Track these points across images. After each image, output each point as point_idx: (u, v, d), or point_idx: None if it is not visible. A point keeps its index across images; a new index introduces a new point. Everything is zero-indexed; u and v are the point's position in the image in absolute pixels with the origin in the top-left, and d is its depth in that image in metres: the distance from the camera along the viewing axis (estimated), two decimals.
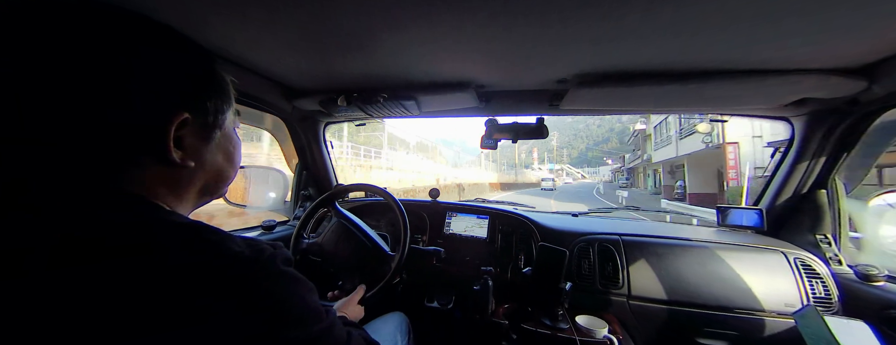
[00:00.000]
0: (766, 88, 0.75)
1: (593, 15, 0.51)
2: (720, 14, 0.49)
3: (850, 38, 0.55)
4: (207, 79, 0.34)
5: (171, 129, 0.29)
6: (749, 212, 1.06)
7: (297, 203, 1.34)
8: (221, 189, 0.39)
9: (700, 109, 0.98)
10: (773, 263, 0.90)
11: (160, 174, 0.31)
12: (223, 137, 0.36)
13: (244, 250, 0.28)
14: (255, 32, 0.63)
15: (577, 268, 1.01)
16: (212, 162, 0.35)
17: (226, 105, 0.36)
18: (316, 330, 0.31)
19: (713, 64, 0.68)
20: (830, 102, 0.82)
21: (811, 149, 0.92)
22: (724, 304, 0.87)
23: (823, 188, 0.93)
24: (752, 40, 0.57)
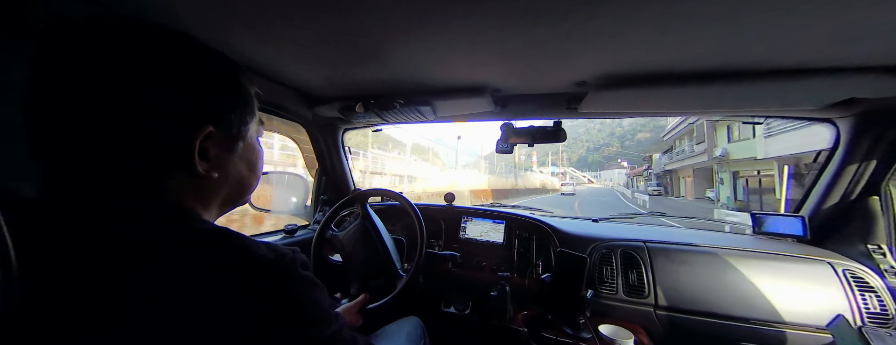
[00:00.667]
0: (808, 88, 0.69)
1: (615, 14, 0.49)
2: (754, 8, 0.46)
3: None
4: (233, 92, 0.34)
5: (197, 142, 0.30)
6: (790, 219, 0.98)
7: (316, 208, 1.38)
8: (244, 197, 0.41)
9: (733, 111, 0.92)
10: (818, 274, 0.83)
11: (187, 185, 0.32)
12: (246, 147, 0.37)
13: (268, 254, 0.29)
14: (279, 44, 0.66)
15: (599, 275, 0.97)
16: (235, 172, 0.36)
17: (249, 116, 0.37)
18: (329, 332, 0.33)
19: (748, 63, 0.64)
20: (880, 103, 0.75)
21: (859, 153, 0.85)
22: (763, 317, 0.81)
23: (876, 195, 0.85)
24: (791, 36, 0.53)
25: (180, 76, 0.30)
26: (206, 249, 0.28)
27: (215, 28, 0.58)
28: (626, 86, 0.77)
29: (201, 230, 0.30)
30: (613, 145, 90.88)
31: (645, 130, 71.87)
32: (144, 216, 0.29)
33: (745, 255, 0.90)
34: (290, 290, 0.30)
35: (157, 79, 0.29)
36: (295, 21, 0.55)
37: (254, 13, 0.53)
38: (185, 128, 0.30)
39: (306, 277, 0.32)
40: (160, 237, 0.27)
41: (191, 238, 0.28)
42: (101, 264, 0.25)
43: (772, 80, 0.67)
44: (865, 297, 0.78)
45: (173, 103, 0.29)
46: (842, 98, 0.75)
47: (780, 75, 0.66)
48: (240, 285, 0.27)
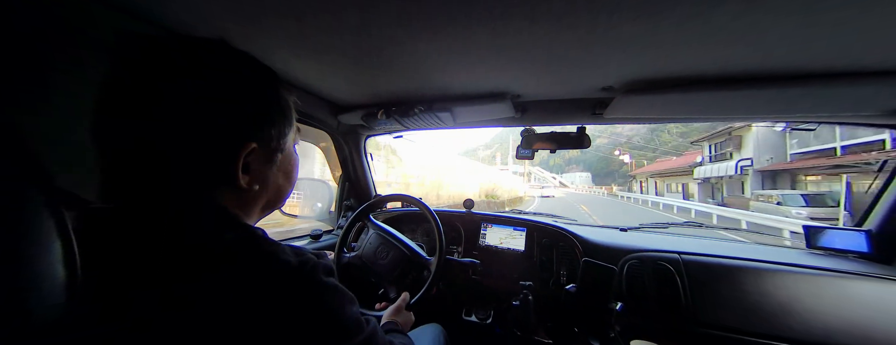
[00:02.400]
0: (864, 93, 0.63)
1: (644, 16, 0.47)
2: (797, 7, 0.42)
3: None
4: (275, 105, 0.35)
5: (241, 158, 0.32)
6: (852, 233, 0.87)
7: (340, 213, 1.43)
8: (281, 203, 0.42)
9: (777, 117, 0.85)
10: (886, 295, 0.73)
11: (231, 196, 0.33)
12: (284, 157, 0.38)
13: (292, 259, 0.30)
14: (310, 57, 0.70)
15: (629, 288, 0.91)
16: (274, 182, 0.38)
17: (288, 128, 0.38)
18: (358, 341, 0.33)
19: (793, 66, 0.59)
20: None
21: None
22: (817, 340, 0.72)
23: None
24: (843, 36, 0.48)
25: (233, 94, 0.31)
26: (238, 257, 0.29)
27: (252, 42, 0.62)
28: (655, 91, 0.73)
29: (235, 239, 0.31)
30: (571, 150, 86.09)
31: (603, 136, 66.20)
32: (191, 226, 0.30)
33: (798, 272, 0.81)
34: (312, 299, 0.30)
35: (212, 96, 0.30)
36: (325, 35, 0.58)
37: (289, 30, 0.56)
38: (231, 145, 0.31)
39: (328, 284, 0.32)
40: (204, 245, 0.29)
41: (226, 246, 0.29)
42: (150, 270, 0.27)
43: (821, 84, 0.61)
44: None
45: (224, 122, 0.31)
46: None
47: (830, 80, 0.60)
48: (264, 292, 0.28)
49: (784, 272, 0.81)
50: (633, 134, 58.16)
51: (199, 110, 0.30)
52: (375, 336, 0.36)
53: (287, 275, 0.29)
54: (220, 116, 0.30)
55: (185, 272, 0.27)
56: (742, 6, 0.43)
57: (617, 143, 62.93)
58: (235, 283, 0.28)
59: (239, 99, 0.32)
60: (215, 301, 0.27)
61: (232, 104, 0.31)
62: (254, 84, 0.33)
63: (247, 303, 0.27)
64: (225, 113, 0.31)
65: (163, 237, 0.28)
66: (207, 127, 0.30)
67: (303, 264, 0.31)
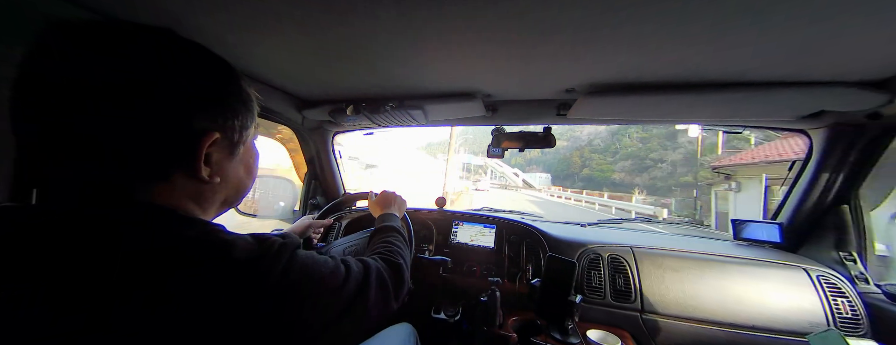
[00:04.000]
0: (782, 100, 0.73)
1: (603, 24, 0.50)
2: (734, 24, 0.49)
3: (871, 51, 0.54)
4: (235, 97, 0.34)
5: (204, 148, 0.31)
6: (768, 226, 1.02)
7: (305, 212, 1.36)
8: (240, 200, 0.41)
9: (714, 120, 0.96)
10: (794, 280, 0.86)
11: (188, 189, 0.32)
12: (246, 151, 0.38)
13: (254, 247, 0.30)
14: (269, 48, 0.65)
15: (588, 280, 0.98)
16: (234, 176, 0.37)
17: (250, 121, 0.37)
18: (350, 288, 0.37)
19: (728, 75, 0.67)
20: (850, 116, 0.80)
21: (831, 163, 0.89)
22: (742, 322, 0.83)
23: (845, 204, 0.89)
24: (767, 51, 0.56)
25: (185, 83, 0.30)
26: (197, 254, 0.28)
27: (205, 30, 0.57)
28: (612, 93, 0.79)
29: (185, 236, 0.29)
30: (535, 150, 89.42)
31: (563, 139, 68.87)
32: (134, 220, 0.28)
33: (725, 261, 0.92)
34: (286, 278, 0.30)
35: (160, 85, 0.28)
36: (285, 24, 0.54)
37: (244, 16, 0.52)
38: (191, 130, 0.30)
39: (300, 257, 0.33)
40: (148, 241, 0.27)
41: (176, 242, 0.28)
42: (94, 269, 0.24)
43: (748, 91, 0.70)
44: (837, 302, 0.81)
45: (175, 112, 0.29)
46: (813, 110, 0.79)
47: (755, 87, 0.69)
48: (233, 288, 0.27)
49: (715, 262, 0.93)
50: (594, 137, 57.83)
51: (139, 99, 0.27)
52: (367, 271, 0.40)
53: (252, 263, 0.29)
54: (169, 106, 0.29)
55: (134, 276, 0.25)
56: (691, 22, 0.49)
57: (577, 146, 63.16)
58: (199, 282, 0.26)
59: (191, 88, 0.30)
60: (177, 304, 0.25)
61: (182, 93, 0.29)
62: (206, 73, 0.32)
63: (216, 300, 0.26)
64: (175, 102, 0.29)
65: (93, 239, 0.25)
66: (153, 117, 0.28)
67: (267, 248, 0.31)
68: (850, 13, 0.44)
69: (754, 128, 1.00)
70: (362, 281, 0.39)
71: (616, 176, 43.24)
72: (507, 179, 45.27)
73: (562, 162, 64.96)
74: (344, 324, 0.35)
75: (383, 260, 0.50)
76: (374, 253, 0.56)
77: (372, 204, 0.89)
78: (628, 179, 40.20)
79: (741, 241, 1.07)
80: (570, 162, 59.90)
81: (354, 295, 0.37)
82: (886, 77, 0.63)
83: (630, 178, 39.81)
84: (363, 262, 0.43)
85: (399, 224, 0.73)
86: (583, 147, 58.71)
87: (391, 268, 0.48)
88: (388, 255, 0.54)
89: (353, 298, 0.37)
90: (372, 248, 0.60)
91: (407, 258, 0.57)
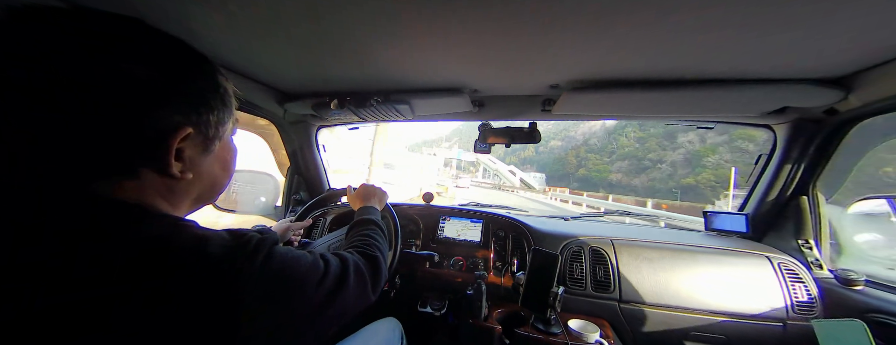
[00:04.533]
0: (749, 97, 0.77)
1: (585, 22, 0.52)
2: (703, 24, 0.51)
3: (827, 49, 0.58)
4: (211, 91, 0.33)
5: (174, 143, 0.29)
6: (735, 217, 1.08)
7: (288, 208, 1.32)
8: (215, 197, 0.40)
9: (688, 116, 1.00)
10: (758, 267, 0.92)
11: (157, 184, 0.30)
12: (222, 146, 0.36)
13: (229, 243, 0.29)
14: (248, 38, 0.62)
15: (570, 272, 1.01)
16: (209, 172, 0.35)
17: (227, 116, 0.35)
18: (328, 282, 0.37)
19: (700, 72, 0.71)
20: (810, 111, 0.85)
21: (792, 156, 0.95)
22: (711, 308, 0.89)
23: (805, 195, 0.96)
24: (735, 50, 0.59)
25: (152, 75, 0.28)
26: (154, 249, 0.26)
27: (178, 18, 0.54)
28: (594, 90, 0.81)
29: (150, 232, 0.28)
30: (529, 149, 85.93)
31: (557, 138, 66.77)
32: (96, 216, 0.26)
33: (696, 250, 0.98)
34: (263, 275, 0.30)
35: (121, 77, 0.26)
36: (264, 14, 0.52)
37: (220, 5, 0.50)
38: (160, 125, 0.29)
39: (276, 257, 0.32)
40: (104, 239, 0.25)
41: (139, 238, 0.27)
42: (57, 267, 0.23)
43: (719, 88, 0.74)
44: (795, 287, 0.87)
45: (143, 104, 0.27)
46: (777, 106, 0.84)
47: (725, 84, 0.73)
48: (198, 284, 0.26)
49: (687, 251, 0.98)
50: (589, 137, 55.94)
51: (96, 92, 0.26)
52: (344, 265, 0.41)
53: (229, 258, 0.29)
54: (132, 99, 0.27)
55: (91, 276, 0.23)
56: (665, 22, 0.51)
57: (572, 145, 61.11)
58: (170, 280, 0.25)
59: (160, 81, 0.28)
60: (145, 303, 0.24)
61: (148, 86, 0.28)
62: (176, 66, 0.30)
63: (190, 298, 0.26)
64: (138, 96, 0.27)
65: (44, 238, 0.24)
66: (113, 111, 0.26)
67: (244, 245, 0.30)
68: (809, 14, 0.47)
69: (725, 123, 1.05)
70: (341, 275, 0.40)
71: (613, 177, 41.93)
72: (502, 177, 38.70)
73: (556, 162, 62.78)
74: (324, 317, 0.36)
75: (360, 254, 0.50)
76: (350, 247, 0.56)
77: (351, 198, 0.87)
78: (626, 180, 38.68)
79: (712, 231, 1.13)
80: (566, 162, 57.97)
81: (334, 288, 0.37)
82: (842, 75, 0.68)
83: (628, 179, 38.28)
84: (340, 256, 0.43)
85: (378, 217, 0.73)
86: (578, 146, 56.98)
87: (368, 261, 0.49)
88: (364, 248, 0.54)
89: (333, 291, 0.37)
90: (349, 241, 0.60)
91: (384, 251, 0.57)
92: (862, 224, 0.88)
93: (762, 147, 1.10)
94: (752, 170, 1.09)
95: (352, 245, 0.56)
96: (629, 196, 24.52)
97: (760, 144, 8.35)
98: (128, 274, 0.24)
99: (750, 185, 1.10)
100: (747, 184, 1.12)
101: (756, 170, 1.07)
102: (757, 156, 1.07)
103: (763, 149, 1.08)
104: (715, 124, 1.05)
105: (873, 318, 0.72)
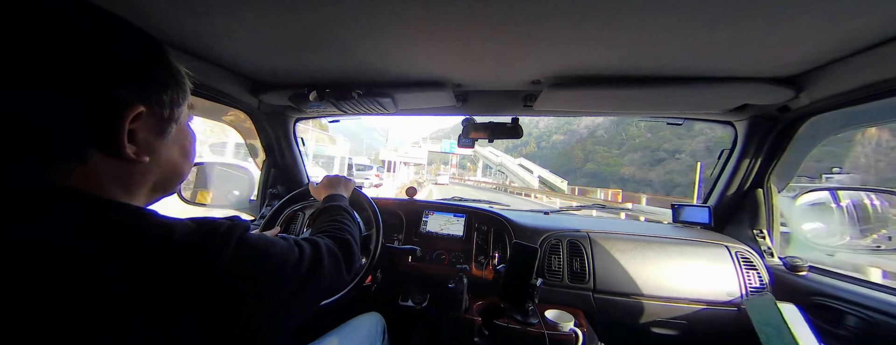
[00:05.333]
0: (713, 94, 0.82)
1: (562, 20, 0.54)
2: (666, 24, 0.54)
3: (779, 51, 0.63)
4: (163, 69, 0.32)
5: (126, 122, 0.28)
6: (699, 209, 1.16)
7: (264, 202, 1.28)
8: (175, 186, 0.38)
9: (659, 112, 1.06)
10: (717, 256, 0.99)
11: (110, 170, 0.29)
12: (179, 130, 0.35)
13: (190, 238, 0.28)
14: (217, 23, 0.59)
15: (548, 264, 1.05)
16: (167, 157, 0.34)
17: (182, 98, 0.34)
18: (304, 266, 0.37)
19: (668, 70, 0.75)
20: (766, 109, 0.92)
21: (750, 151, 1.03)
22: (675, 295, 0.95)
23: (760, 187, 1.04)
24: (698, 49, 0.63)
25: (96, 51, 0.26)
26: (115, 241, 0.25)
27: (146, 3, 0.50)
28: (573, 86, 0.83)
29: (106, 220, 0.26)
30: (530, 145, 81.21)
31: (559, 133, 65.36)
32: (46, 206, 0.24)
33: (664, 241, 1.04)
34: (232, 269, 0.29)
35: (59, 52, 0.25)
36: None
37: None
38: (106, 103, 0.27)
39: (249, 243, 0.32)
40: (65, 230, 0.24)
41: (97, 230, 0.25)
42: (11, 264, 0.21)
43: (686, 86, 0.79)
44: (750, 274, 0.95)
45: (87, 74, 0.26)
46: (737, 104, 0.90)
47: (691, 82, 0.78)
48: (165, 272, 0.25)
49: (655, 243, 1.03)
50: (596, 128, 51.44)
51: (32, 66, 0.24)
52: (316, 248, 0.41)
53: (199, 245, 0.28)
54: (74, 75, 0.25)
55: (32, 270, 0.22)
56: (638, 21, 0.53)
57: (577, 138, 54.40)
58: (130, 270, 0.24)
59: (104, 56, 0.27)
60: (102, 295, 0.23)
61: (92, 62, 0.26)
62: (123, 42, 0.29)
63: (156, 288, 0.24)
64: (81, 71, 0.26)
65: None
66: (52, 88, 0.25)
67: (210, 234, 0.29)
68: (761, 18, 0.51)
69: (692, 119, 1.12)
70: (314, 257, 0.40)
71: (625, 171, 37.84)
72: (511, 175, 25.08)
73: (561, 156, 56.89)
74: (300, 299, 0.36)
75: (331, 238, 0.50)
76: (319, 232, 0.56)
77: (316, 191, 0.86)
78: (640, 173, 34.85)
79: (678, 223, 1.20)
80: (572, 156, 52.51)
81: (310, 269, 0.38)
82: (793, 74, 0.73)
83: (642, 172, 34.44)
84: (310, 241, 0.43)
85: (346, 203, 0.73)
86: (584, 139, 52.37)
87: (339, 244, 0.49)
88: (334, 232, 0.54)
89: (309, 273, 0.38)
90: (317, 227, 0.60)
91: (354, 234, 0.58)
92: (807, 215, 0.97)
93: None
94: (715, 163, 1.16)
95: (321, 231, 0.56)
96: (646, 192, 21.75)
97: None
98: (89, 268, 0.23)
99: (713, 178, 1.17)
100: (710, 177, 1.19)
101: (718, 164, 1.15)
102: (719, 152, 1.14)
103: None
104: (683, 120, 1.11)
105: (817, 301, 0.79)
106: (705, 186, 1.25)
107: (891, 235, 0.83)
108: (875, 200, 0.91)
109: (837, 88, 0.71)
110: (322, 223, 0.61)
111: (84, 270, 0.22)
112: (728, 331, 0.92)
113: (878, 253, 1.17)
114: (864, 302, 0.71)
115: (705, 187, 1.24)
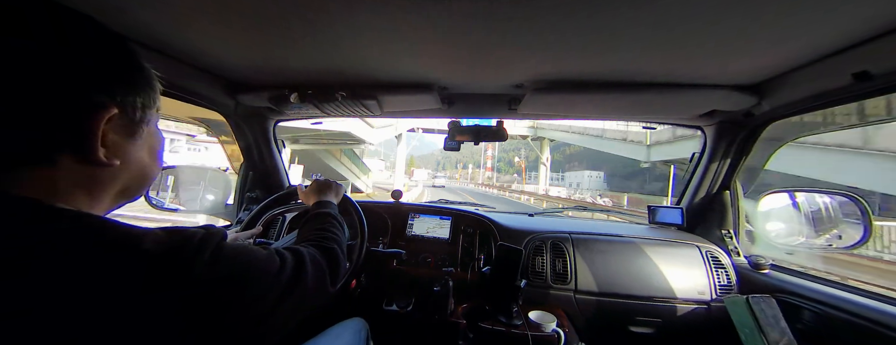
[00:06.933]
0: (684, 100, 0.87)
1: (543, 25, 0.55)
2: (640, 35, 0.57)
3: (741, 60, 0.67)
4: (137, 72, 0.31)
5: (100, 125, 0.27)
6: (673, 210, 1.21)
7: (241, 206, 1.23)
8: (142, 190, 0.37)
9: (635, 116, 1.10)
10: (689, 256, 1.04)
11: (77, 174, 0.28)
12: (150, 133, 0.34)
13: (166, 242, 0.27)
14: (190, 20, 0.56)
15: (532, 265, 1.07)
16: (137, 160, 0.33)
17: (153, 99, 0.33)
18: (285, 274, 0.36)
19: (643, 77, 0.78)
20: (732, 114, 0.98)
21: (719, 155, 1.09)
22: (651, 294, 0.99)
23: (727, 189, 1.10)
24: (671, 59, 0.67)
25: (64, 51, 0.26)
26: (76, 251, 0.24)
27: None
28: (555, 90, 0.85)
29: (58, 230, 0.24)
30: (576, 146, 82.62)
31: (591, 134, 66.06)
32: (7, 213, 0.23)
33: (641, 242, 1.08)
34: (210, 279, 0.28)
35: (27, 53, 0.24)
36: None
37: None
38: (77, 106, 0.26)
39: (226, 254, 0.30)
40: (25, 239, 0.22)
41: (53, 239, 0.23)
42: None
43: (659, 92, 0.83)
44: (718, 272, 1.00)
45: (59, 77, 0.25)
46: (707, 109, 0.95)
47: (667, 88, 0.82)
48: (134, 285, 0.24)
49: (633, 243, 1.07)
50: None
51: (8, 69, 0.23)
52: (299, 258, 0.40)
53: (171, 255, 0.27)
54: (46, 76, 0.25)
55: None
56: (616, 30, 0.56)
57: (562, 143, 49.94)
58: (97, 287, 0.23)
59: (75, 57, 0.26)
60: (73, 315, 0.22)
61: (62, 63, 0.25)
62: (92, 43, 0.28)
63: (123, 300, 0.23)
64: (53, 73, 0.25)
65: None
66: (22, 89, 0.24)
67: (183, 244, 0.28)
68: (723, 30, 0.54)
69: (666, 124, 1.17)
70: (297, 267, 0.39)
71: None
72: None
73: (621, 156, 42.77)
74: (282, 311, 0.35)
75: (316, 247, 0.49)
76: (304, 241, 0.54)
77: (304, 195, 0.83)
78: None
79: (654, 224, 1.26)
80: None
81: (291, 279, 0.37)
82: (756, 82, 0.79)
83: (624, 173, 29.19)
84: (293, 250, 0.42)
85: (335, 210, 0.71)
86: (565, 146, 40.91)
87: (324, 253, 0.48)
88: (320, 241, 0.53)
89: (291, 283, 0.37)
90: (303, 236, 0.58)
91: (341, 242, 0.57)
92: (769, 215, 1.04)
93: None
94: (687, 167, 1.22)
95: (306, 239, 0.55)
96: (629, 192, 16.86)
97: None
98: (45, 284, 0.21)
99: (685, 181, 1.23)
100: (683, 180, 1.25)
101: (690, 167, 1.21)
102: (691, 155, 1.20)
103: None
104: (658, 125, 1.17)
105: (781, 298, 0.83)
106: (678, 187, 1.31)
107: (841, 235, 0.90)
108: (828, 200, 0.98)
109: (794, 96, 0.76)
110: (309, 232, 0.59)
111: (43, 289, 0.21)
112: (700, 328, 0.97)
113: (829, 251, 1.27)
114: (817, 298, 0.77)
115: (678, 189, 1.31)
